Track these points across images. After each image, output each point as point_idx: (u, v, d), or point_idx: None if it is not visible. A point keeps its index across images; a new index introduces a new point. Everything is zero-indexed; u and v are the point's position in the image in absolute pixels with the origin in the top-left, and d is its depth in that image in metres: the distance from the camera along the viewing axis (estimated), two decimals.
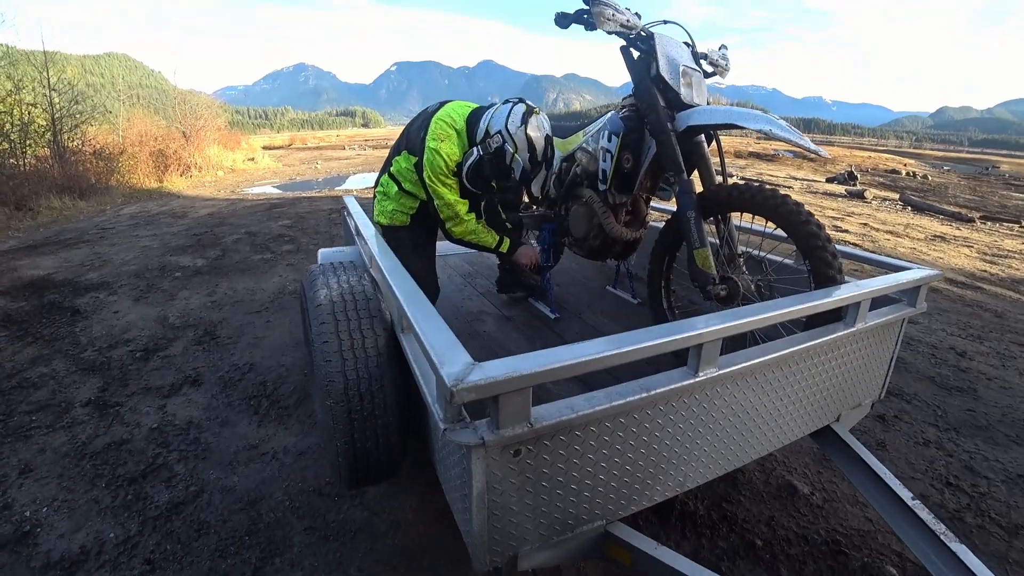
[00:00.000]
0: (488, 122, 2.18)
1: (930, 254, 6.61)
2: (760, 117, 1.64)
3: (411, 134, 2.34)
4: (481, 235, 2.37)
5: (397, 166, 2.38)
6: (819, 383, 1.59)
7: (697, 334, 1.07)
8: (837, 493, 2.27)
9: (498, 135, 2.12)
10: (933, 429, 2.78)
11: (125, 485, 2.35)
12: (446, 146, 2.18)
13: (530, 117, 2.13)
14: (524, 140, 2.10)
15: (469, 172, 2.19)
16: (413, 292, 1.25)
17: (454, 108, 2.30)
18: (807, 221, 1.59)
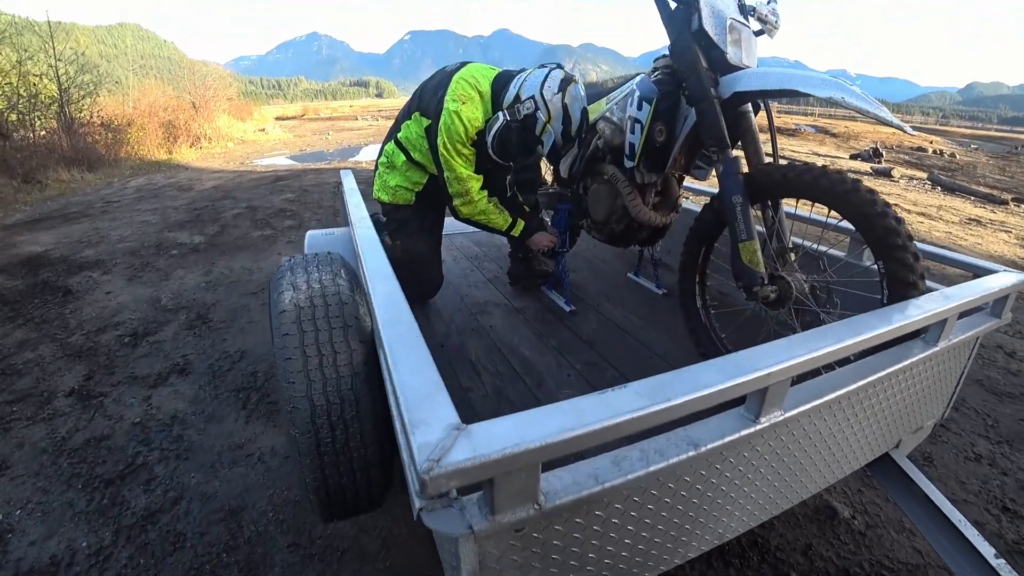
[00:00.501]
0: (520, 86, 1.91)
1: (967, 239, 6.19)
2: (828, 82, 1.32)
3: (425, 94, 2.05)
4: (492, 216, 2.11)
5: (406, 131, 2.11)
6: (885, 409, 1.31)
7: (764, 374, 0.79)
8: (881, 518, 2.01)
9: (530, 100, 1.86)
10: (984, 441, 2.49)
11: (102, 487, 2.21)
12: (468, 109, 1.91)
13: (568, 85, 1.87)
14: (560, 109, 1.85)
15: (494, 140, 1.92)
16: (393, 304, 0.98)
17: (478, 68, 2.02)
18: (884, 214, 1.28)
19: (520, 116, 1.87)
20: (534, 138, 1.90)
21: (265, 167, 11.17)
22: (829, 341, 0.90)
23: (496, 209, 2.12)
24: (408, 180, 2.16)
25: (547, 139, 1.89)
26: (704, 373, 0.77)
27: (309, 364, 1.10)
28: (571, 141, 1.92)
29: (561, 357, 1.83)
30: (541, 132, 1.88)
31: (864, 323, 1.01)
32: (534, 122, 1.87)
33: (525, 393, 1.61)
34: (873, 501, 2.07)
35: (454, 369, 1.76)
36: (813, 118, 35.99)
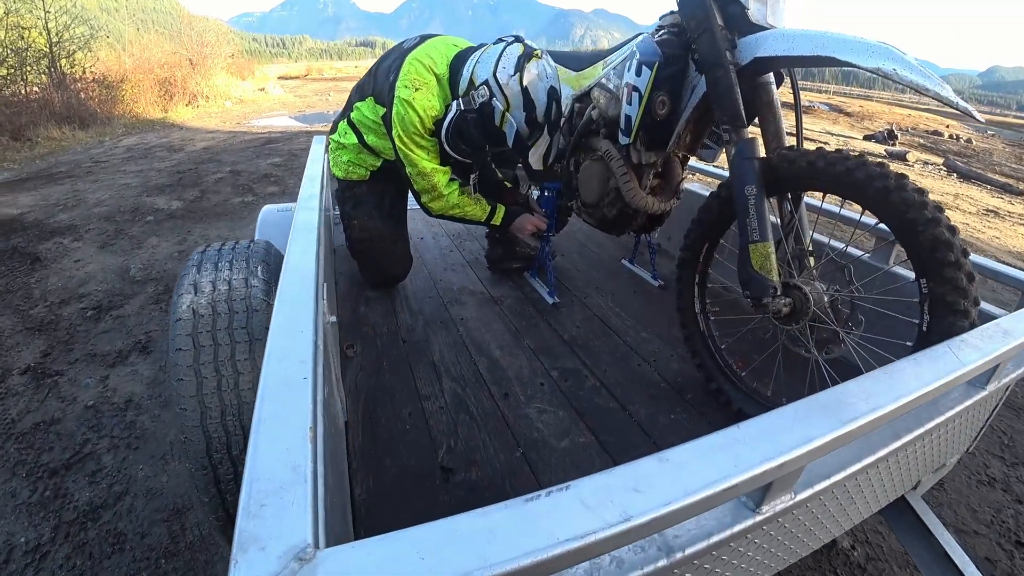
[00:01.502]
0: (472, 69, 1.64)
1: (985, 232, 5.89)
2: (875, 48, 1.05)
3: (379, 74, 1.79)
4: (467, 208, 1.87)
5: (359, 113, 1.86)
6: (908, 456, 1.09)
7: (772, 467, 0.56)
8: (883, 549, 1.81)
9: (484, 87, 1.60)
10: (998, 463, 2.27)
11: (46, 477, 2.10)
12: (422, 97, 1.65)
13: (527, 63, 1.58)
14: (518, 93, 1.58)
15: (449, 134, 1.67)
16: (293, 324, 0.74)
17: (435, 47, 1.74)
18: (934, 220, 1.02)
19: (475, 105, 1.61)
20: (495, 129, 1.64)
21: (261, 128, 10.82)
22: (862, 407, 0.66)
23: (470, 200, 1.88)
24: (362, 160, 1.94)
25: (508, 130, 1.63)
26: (688, 466, 0.54)
27: (205, 387, 0.88)
28: (539, 128, 1.66)
29: (536, 360, 1.60)
30: (501, 122, 1.62)
31: (905, 375, 0.77)
32: (491, 110, 1.61)
33: (488, 405, 1.39)
34: (875, 529, 1.88)
35: (412, 371, 1.54)
36: (827, 95, 34.86)
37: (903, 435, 0.87)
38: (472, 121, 1.63)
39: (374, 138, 1.86)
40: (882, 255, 1.58)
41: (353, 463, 1.14)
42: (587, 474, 1.14)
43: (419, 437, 1.25)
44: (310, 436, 0.54)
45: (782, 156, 1.22)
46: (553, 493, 0.49)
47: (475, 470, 1.16)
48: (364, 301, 1.97)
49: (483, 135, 1.66)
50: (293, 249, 1.01)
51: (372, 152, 1.90)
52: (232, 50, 18.86)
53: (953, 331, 1.01)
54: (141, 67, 13.07)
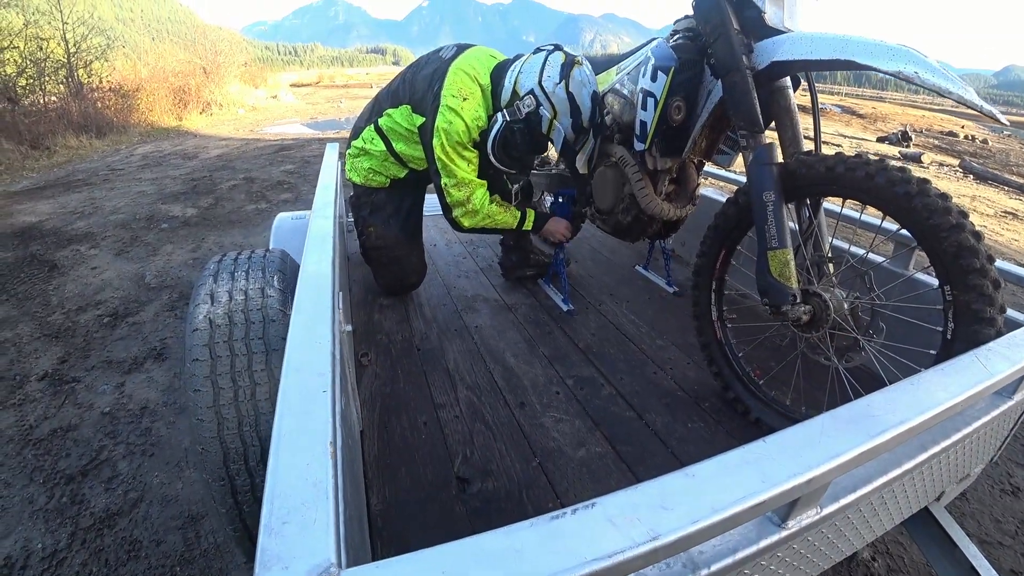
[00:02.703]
0: (515, 79, 1.64)
1: (1004, 235, 5.79)
2: (897, 52, 1.03)
3: (417, 84, 1.78)
4: (498, 217, 1.86)
5: (389, 120, 1.85)
6: (932, 466, 1.06)
7: (799, 483, 0.55)
8: (905, 560, 1.77)
9: (530, 96, 1.60)
10: (1022, 472, 2.21)
11: (63, 483, 2.12)
12: (470, 107, 1.66)
13: (571, 70, 1.58)
14: (565, 101, 1.58)
15: (496, 145, 1.67)
16: (312, 336, 0.74)
17: (477, 57, 1.74)
18: (958, 226, 1.00)
19: (522, 115, 1.62)
20: (542, 137, 1.66)
21: (273, 135, 10.92)
22: (890, 419, 0.65)
23: (500, 208, 1.87)
24: (385, 169, 1.93)
25: (556, 136, 1.64)
26: (715, 481, 0.53)
27: (221, 398, 0.88)
28: (585, 132, 1.66)
29: (551, 368, 1.59)
30: (549, 130, 1.63)
31: (932, 386, 0.75)
32: (539, 119, 1.62)
33: (504, 414, 1.38)
34: (896, 540, 1.83)
35: (427, 380, 1.53)
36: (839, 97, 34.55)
37: (929, 447, 0.85)
38: (519, 131, 1.64)
39: (403, 146, 1.85)
40: (902, 261, 1.55)
41: (368, 473, 1.14)
42: (604, 484, 1.13)
43: (435, 447, 1.24)
44: (331, 451, 0.53)
45: (800, 161, 1.20)
46: (579, 511, 0.48)
47: (491, 480, 1.14)
48: (378, 309, 1.97)
49: (530, 143, 1.67)
50: (309, 259, 1.00)
51: (399, 161, 1.89)
52: (245, 58, 19.12)
53: (979, 339, 0.99)
54: (156, 76, 13.27)
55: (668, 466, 1.22)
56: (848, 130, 17.02)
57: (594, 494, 1.11)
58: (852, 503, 0.74)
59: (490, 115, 1.71)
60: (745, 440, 1.35)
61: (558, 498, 1.11)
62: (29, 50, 10.23)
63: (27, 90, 10.14)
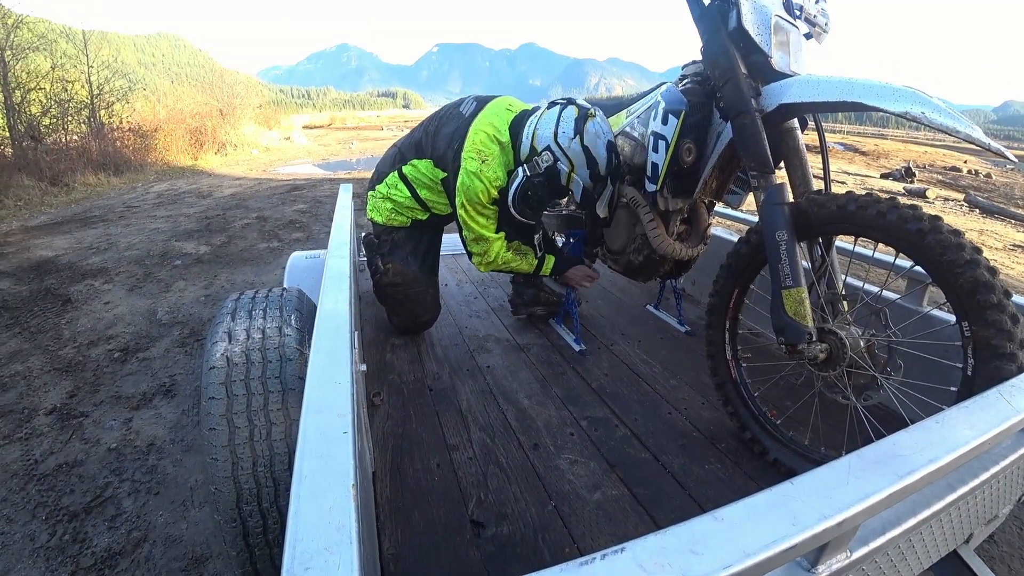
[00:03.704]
0: (532, 136, 1.69)
1: (1015, 268, 5.78)
2: (902, 93, 1.05)
3: (438, 139, 1.85)
4: (514, 264, 1.92)
5: (414, 170, 1.91)
6: (960, 507, 1.03)
7: (829, 526, 0.53)
8: None
9: (547, 152, 1.64)
10: None
11: (66, 521, 2.08)
12: (489, 169, 1.71)
13: (585, 124, 1.63)
14: (580, 155, 1.62)
15: (517, 199, 1.72)
16: (331, 375, 0.74)
17: (496, 113, 1.79)
18: (973, 262, 1.00)
19: (541, 169, 1.67)
20: (561, 187, 1.70)
21: (286, 175, 11.16)
22: (918, 459, 0.63)
23: (516, 256, 1.92)
24: (408, 212, 1.98)
25: (575, 188, 1.68)
26: (744, 525, 0.52)
27: (237, 437, 0.88)
28: (602, 181, 1.69)
29: (564, 409, 1.57)
30: (568, 182, 1.68)
31: (959, 424, 0.73)
32: (557, 173, 1.66)
33: (518, 456, 1.35)
34: None
35: (439, 420, 1.52)
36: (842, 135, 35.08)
37: (957, 487, 0.83)
38: (539, 184, 1.68)
39: (427, 193, 1.92)
40: (915, 297, 1.55)
41: (381, 516, 1.11)
42: (622, 528, 1.10)
43: (448, 489, 1.22)
44: (353, 494, 0.53)
45: (812, 200, 1.22)
46: (608, 556, 0.47)
47: (506, 524, 1.12)
48: (390, 348, 1.97)
49: (550, 194, 1.73)
50: (326, 298, 1.01)
51: (423, 206, 1.95)
52: (260, 101, 19.74)
53: (1000, 375, 0.98)
54: (174, 117, 13.71)
55: (687, 508, 1.19)
56: (851, 167, 17.21)
57: (612, 538, 1.09)
58: (881, 547, 0.72)
59: (510, 170, 1.76)
60: (764, 482, 1.32)
61: (575, 542, 1.08)
62: (54, 91, 10.63)
63: (50, 129, 10.50)
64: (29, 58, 10.40)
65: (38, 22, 11.03)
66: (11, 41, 9.87)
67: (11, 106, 9.70)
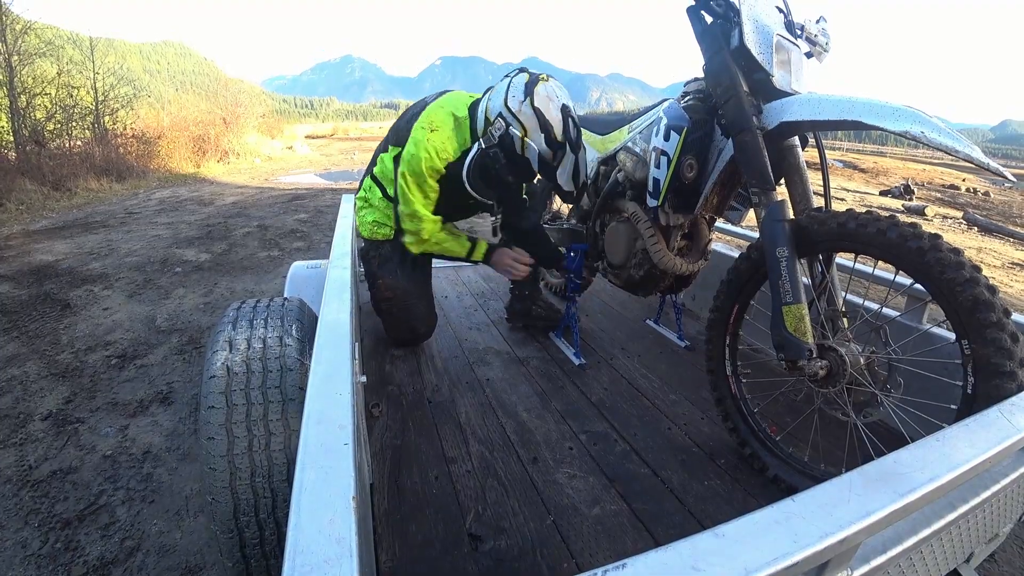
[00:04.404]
0: (485, 108, 1.68)
1: (1014, 286, 5.82)
2: (902, 112, 1.07)
3: (400, 125, 1.87)
4: (446, 244, 1.89)
5: (382, 166, 1.92)
6: (960, 526, 1.02)
7: (829, 545, 0.53)
8: None
9: (499, 119, 1.62)
10: None
11: (58, 528, 2.06)
12: (436, 137, 1.70)
13: (536, 86, 1.61)
14: (532, 117, 1.59)
15: (472, 174, 1.70)
16: (332, 385, 0.74)
17: (457, 96, 1.81)
18: (973, 280, 1.01)
19: (495, 139, 1.63)
20: (519, 159, 1.65)
21: (288, 184, 11.21)
22: (919, 477, 0.64)
23: (449, 236, 1.89)
24: (386, 216, 1.97)
25: (531, 155, 1.63)
26: (745, 542, 0.52)
27: (236, 447, 0.87)
28: (560, 147, 1.63)
29: (564, 423, 1.57)
30: (523, 149, 1.62)
31: (959, 442, 0.74)
32: (511, 140, 1.62)
33: (517, 469, 1.35)
34: None
35: (438, 433, 1.51)
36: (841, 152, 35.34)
37: (958, 505, 0.83)
38: (494, 156, 1.64)
39: (393, 189, 1.90)
40: (915, 315, 1.55)
41: (378, 528, 1.10)
42: (621, 544, 1.10)
43: (446, 502, 1.21)
44: (354, 507, 0.53)
45: (812, 217, 1.23)
46: (610, 572, 0.46)
47: (504, 538, 1.11)
48: (389, 360, 1.97)
49: (509, 168, 1.66)
50: (328, 308, 1.01)
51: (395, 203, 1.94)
52: (263, 110, 19.86)
53: (1000, 394, 0.98)
54: (177, 125, 13.79)
55: (686, 525, 1.18)
56: (851, 184, 17.31)
57: (610, 554, 1.08)
58: (882, 565, 0.71)
59: (465, 147, 1.74)
60: (763, 498, 1.32)
61: (573, 558, 1.07)
62: (60, 97, 10.71)
63: (54, 134, 10.56)
64: (36, 63, 10.50)
65: (46, 28, 11.12)
66: (18, 46, 9.96)
67: (16, 110, 9.76)
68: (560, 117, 1.60)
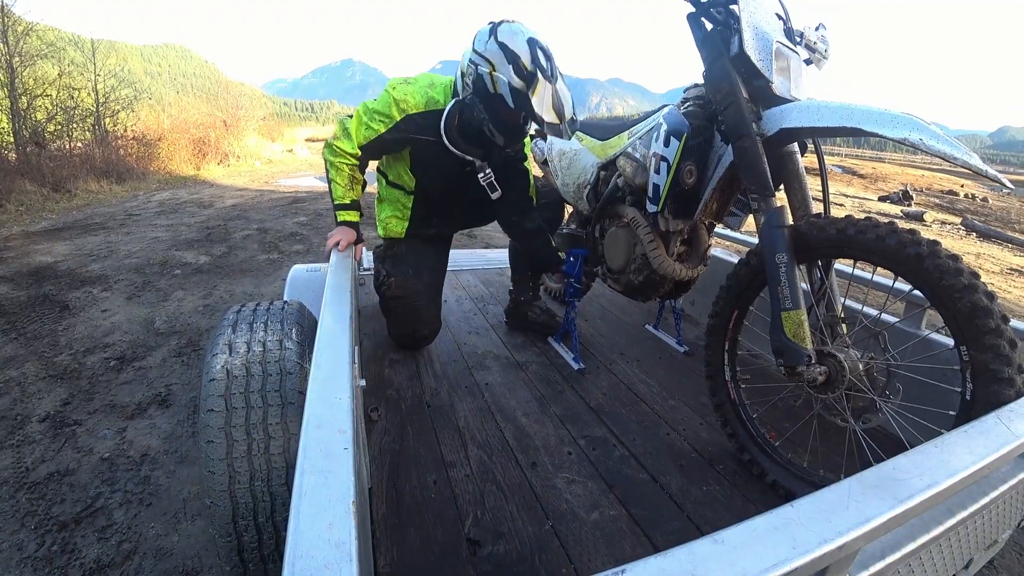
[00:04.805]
0: (460, 67, 1.74)
1: (1012, 291, 5.83)
2: (901, 119, 1.07)
3: None
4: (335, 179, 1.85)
5: None
6: (959, 533, 1.02)
7: (828, 551, 0.54)
8: None
9: (470, 66, 1.65)
10: None
11: (55, 531, 2.04)
12: (405, 88, 1.75)
13: (500, 26, 1.64)
14: (498, 51, 1.59)
15: (447, 124, 1.71)
16: (332, 390, 0.74)
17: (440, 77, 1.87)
18: (971, 287, 1.01)
19: (470, 87, 1.66)
20: (495, 97, 1.62)
21: (288, 187, 11.20)
22: (918, 483, 0.64)
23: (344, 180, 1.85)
24: (395, 206, 2.00)
25: (503, 89, 1.59)
26: (745, 548, 0.52)
27: (235, 451, 0.87)
28: (531, 77, 1.58)
29: (563, 428, 1.57)
30: (494, 86, 1.60)
31: (958, 449, 0.74)
32: (483, 82, 1.62)
33: (516, 474, 1.35)
34: None
35: (437, 437, 1.51)
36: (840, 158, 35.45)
37: (957, 512, 0.83)
38: (470, 104, 1.66)
39: (393, 172, 1.95)
40: (914, 321, 1.55)
41: (377, 532, 1.10)
42: (619, 549, 1.10)
43: (445, 507, 1.21)
44: (354, 511, 0.53)
45: (811, 224, 1.23)
46: None
47: (503, 543, 1.11)
48: (388, 363, 1.97)
49: (488, 112, 1.66)
50: (328, 313, 1.02)
51: (399, 188, 1.97)
52: (264, 113, 19.89)
53: (999, 400, 0.99)
54: (178, 127, 13.78)
55: (685, 530, 1.18)
56: (849, 189, 17.36)
57: (609, 559, 1.08)
58: (880, 571, 0.71)
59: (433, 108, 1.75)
60: (762, 504, 1.32)
61: (572, 563, 1.07)
62: (61, 98, 10.70)
63: (55, 135, 10.54)
64: (37, 65, 10.50)
65: (48, 30, 11.13)
66: (20, 48, 9.97)
67: (17, 111, 9.76)
68: (527, 48, 1.59)
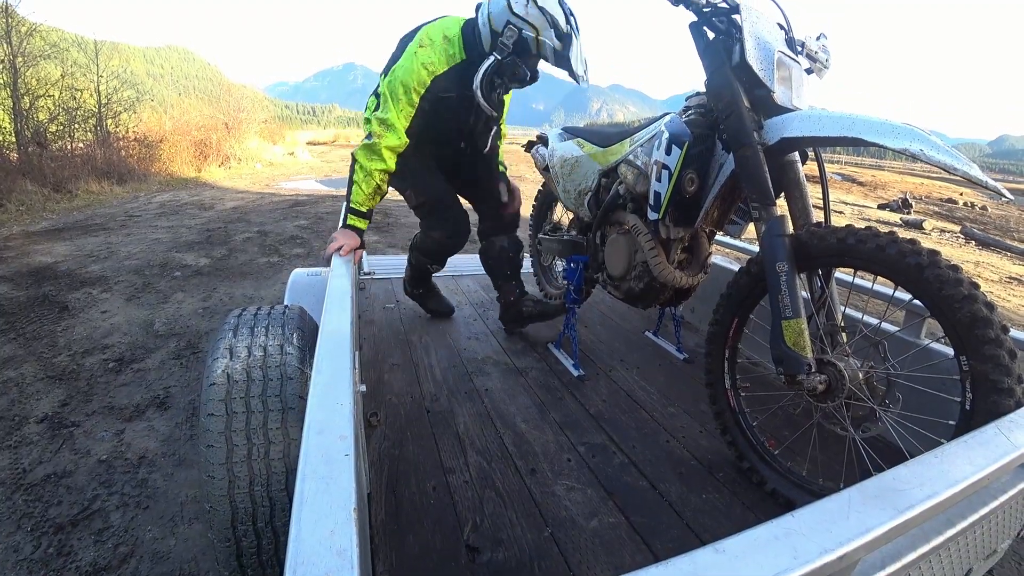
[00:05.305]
0: (488, 20, 1.80)
1: (1011, 300, 5.84)
2: (901, 130, 1.08)
3: (396, 53, 1.93)
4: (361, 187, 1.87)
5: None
6: (958, 543, 1.02)
7: (822, 564, 0.54)
8: None
9: (509, 27, 1.75)
10: None
11: (51, 533, 2.04)
12: (425, 52, 1.81)
13: None
14: (540, 16, 1.74)
15: (483, 83, 1.80)
16: (333, 394, 0.74)
17: (451, 18, 1.94)
18: (971, 297, 1.02)
19: (510, 47, 1.77)
20: (536, 56, 1.81)
21: (289, 190, 11.22)
22: (918, 493, 0.64)
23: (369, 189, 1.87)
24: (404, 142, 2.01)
25: (547, 52, 1.78)
26: (746, 558, 0.52)
27: (235, 455, 0.87)
28: (567, 37, 1.77)
29: (562, 435, 1.56)
30: (538, 48, 1.77)
31: (958, 459, 0.74)
32: (525, 44, 1.77)
33: (515, 481, 1.34)
34: None
35: (436, 442, 1.50)
36: (840, 165, 35.57)
37: (956, 522, 0.83)
38: (510, 64, 1.79)
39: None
40: (914, 330, 1.56)
41: (375, 538, 1.10)
42: (619, 557, 1.10)
43: (444, 513, 1.21)
44: (355, 518, 0.53)
45: (812, 233, 1.23)
46: None
47: (502, 550, 1.10)
48: (388, 369, 1.96)
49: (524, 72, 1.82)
50: (329, 318, 1.02)
51: None
52: (266, 116, 19.91)
53: (999, 410, 0.99)
54: (180, 129, 13.81)
55: (684, 539, 1.18)
56: (849, 197, 17.39)
57: (608, 567, 1.08)
58: None
59: (452, 63, 1.85)
60: (762, 512, 1.32)
61: (571, 571, 1.07)
62: (63, 99, 10.72)
63: (56, 136, 10.56)
64: (40, 65, 10.52)
65: (51, 31, 11.18)
66: (23, 48, 10.00)
67: (19, 112, 9.78)
68: (561, 9, 1.75)
